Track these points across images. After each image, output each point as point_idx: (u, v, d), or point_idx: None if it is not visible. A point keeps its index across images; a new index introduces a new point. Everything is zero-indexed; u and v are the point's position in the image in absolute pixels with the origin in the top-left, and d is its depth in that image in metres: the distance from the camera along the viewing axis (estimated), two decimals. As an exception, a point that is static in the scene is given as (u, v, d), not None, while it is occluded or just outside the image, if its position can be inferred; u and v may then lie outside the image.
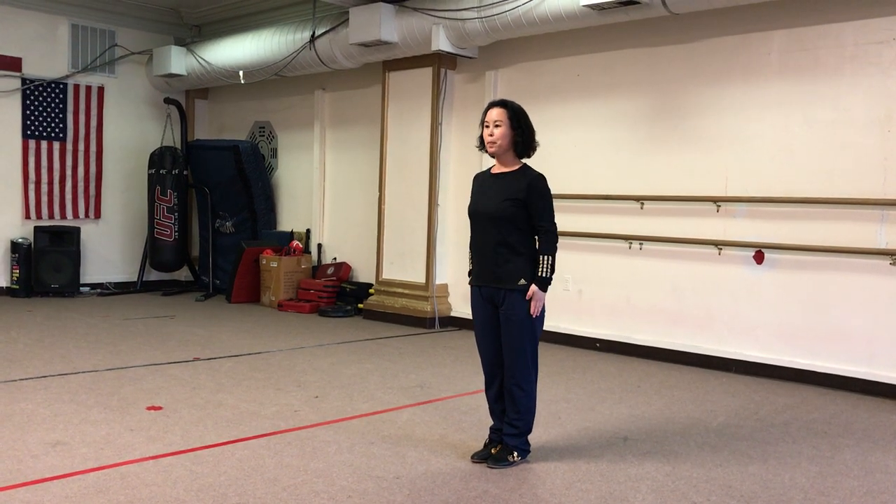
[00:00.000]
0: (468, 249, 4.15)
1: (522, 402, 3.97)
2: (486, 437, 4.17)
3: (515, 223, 3.88)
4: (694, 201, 6.66)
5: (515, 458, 3.97)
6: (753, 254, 6.35)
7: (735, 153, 6.45)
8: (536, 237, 3.95)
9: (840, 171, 5.93)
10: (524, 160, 4.03)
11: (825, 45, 6.01)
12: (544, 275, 3.88)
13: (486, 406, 4.18)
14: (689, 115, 6.73)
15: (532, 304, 3.86)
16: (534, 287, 3.86)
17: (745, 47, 6.41)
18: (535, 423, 4.59)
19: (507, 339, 3.94)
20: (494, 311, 3.99)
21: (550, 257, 3.91)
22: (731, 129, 6.48)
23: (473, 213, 4.03)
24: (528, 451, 4.05)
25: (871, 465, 4.16)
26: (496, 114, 3.93)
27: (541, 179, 3.93)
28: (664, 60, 6.88)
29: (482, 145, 4.03)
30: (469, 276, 4.13)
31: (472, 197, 4.10)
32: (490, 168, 4.11)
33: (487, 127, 3.94)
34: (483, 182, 4.08)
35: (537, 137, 4.04)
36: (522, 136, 3.94)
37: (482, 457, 4.03)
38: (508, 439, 4.00)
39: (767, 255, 6.28)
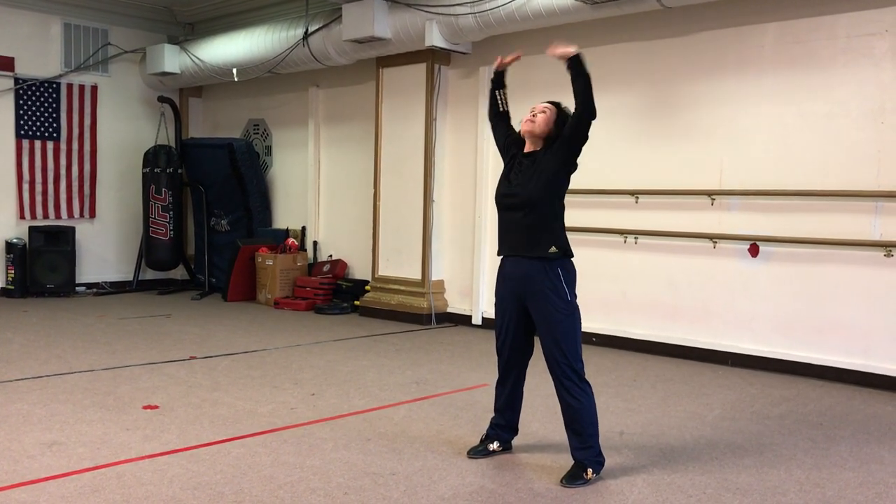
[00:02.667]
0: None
1: (579, 406, 3.71)
2: (484, 432, 4.14)
3: (546, 203, 3.78)
4: (688, 195, 6.66)
5: (590, 476, 3.67)
6: (748, 247, 6.35)
7: (729, 146, 6.46)
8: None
9: (834, 164, 5.94)
10: None
11: (818, 37, 6.02)
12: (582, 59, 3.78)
13: (483, 401, 4.17)
14: (682, 108, 6.73)
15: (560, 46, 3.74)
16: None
17: (738, 40, 6.41)
18: (531, 418, 4.61)
19: (545, 335, 3.74)
20: (517, 304, 3.84)
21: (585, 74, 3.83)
22: (725, 123, 6.48)
23: (502, 197, 3.89)
24: (603, 463, 3.75)
25: (865, 457, 4.18)
26: (545, 105, 3.91)
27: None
28: (657, 54, 6.88)
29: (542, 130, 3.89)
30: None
31: (503, 171, 3.96)
32: (523, 147, 3.97)
33: (532, 110, 3.87)
34: (514, 158, 3.94)
35: None
36: (559, 137, 3.82)
37: (478, 452, 4.02)
38: (576, 453, 3.74)
39: (762, 247, 6.29)
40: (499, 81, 4.23)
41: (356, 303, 9.00)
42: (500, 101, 4.19)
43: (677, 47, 6.76)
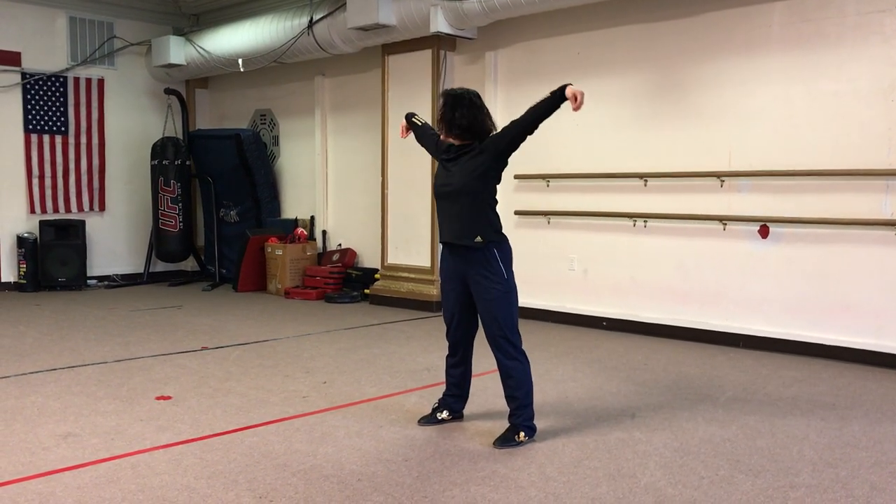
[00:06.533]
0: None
1: (515, 374, 4.01)
2: (437, 400, 4.38)
3: (478, 193, 4.02)
4: (697, 177, 6.63)
5: (523, 438, 3.99)
6: (758, 228, 6.32)
7: (738, 127, 6.42)
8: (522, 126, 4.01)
9: (844, 143, 5.90)
10: None
11: (827, 15, 5.96)
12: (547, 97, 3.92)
13: (493, 387, 4.20)
14: (690, 90, 6.69)
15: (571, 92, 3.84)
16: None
17: (745, 20, 6.35)
18: (543, 402, 4.62)
19: (484, 311, 4.03)
20: (461, 287, 4.12)
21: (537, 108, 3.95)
22: (734, 104, 6.44)
23: (439, 188, 4.15)
24: (535, 430, 4.06)
25: (879, 436, 4.16)
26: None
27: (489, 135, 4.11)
28: (664, 35, 6.83)
29: (442, 130, 4.16)
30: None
31: (438, 169, 4.23)
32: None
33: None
34: (447, 153, 4.17)
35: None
36: (476, 124, 4.06)
37: (428, 421, 4.27)
38: (512, 418, 4.04)
39: (772, 229, 6.26)
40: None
41: (366, 291, 9.01)
42: (420, 129, 4.53)
43: (684, 28, 6.71)
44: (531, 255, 7.59)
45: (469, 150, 4.07)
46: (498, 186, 4.13)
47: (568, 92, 3.84)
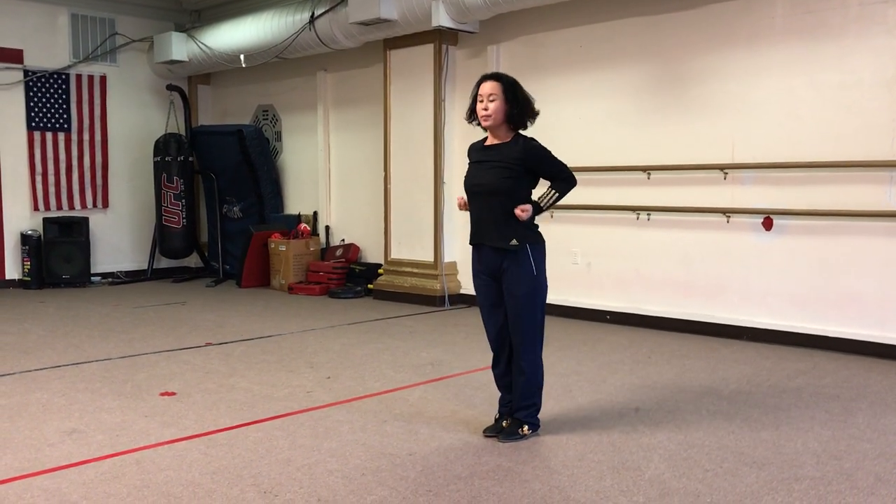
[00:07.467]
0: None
1: (528, 372, 3.97)
2: (497, 411, 4.18)
3: (511, 193, 3.88)
4: (701, 169, 6.61)
5: (526, 432, 3.98)
6: (762, 220, 6.31)
7: (741, 119, 6.40)
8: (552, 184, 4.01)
9: (848, 134, 5.88)
10: (520, 130, 4.02)
11: (829, 6, 5.93)
12: (542, 203, 3.93)
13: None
14: (693, 82, 6.67)
15: (518, 211, 3.83)
16: (527, 206, 3.85)
17: (748, 12, 6.33)
18: (546, 396, 4.62)
19: (511, 313, 3.95)
20: (494, 284, 4.00)
21: (558, 195, 3.96)
22: (737, 96, 6.42)
23: (470, 186, 4.03)
24: (539, 426, 4.06)
25: (883, 428, 4.16)
26: (490, 87, 3.89)
27: (533, 143, 3.95)
28: (667, 28, 6.81)
29: (470, 116, 4.05)
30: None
31: (468, 169, 4.09)
32: (483, 140, 4.09)
33: (482, 101, 3.91)
34: (477, 154, 4.06)
35: (542, 109, 4.05)
36: (517, 109, 3.91)
37: (494, 431, 4.05)
38: (517, 412, 4.02)
39: (776, 221, 6.25)
40: None
41: (369, 286, 9.02)
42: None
43: (687, 21, 6.68)
44: (534, 249, 7.57)
45: (500, 151, 3.92)
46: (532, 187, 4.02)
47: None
